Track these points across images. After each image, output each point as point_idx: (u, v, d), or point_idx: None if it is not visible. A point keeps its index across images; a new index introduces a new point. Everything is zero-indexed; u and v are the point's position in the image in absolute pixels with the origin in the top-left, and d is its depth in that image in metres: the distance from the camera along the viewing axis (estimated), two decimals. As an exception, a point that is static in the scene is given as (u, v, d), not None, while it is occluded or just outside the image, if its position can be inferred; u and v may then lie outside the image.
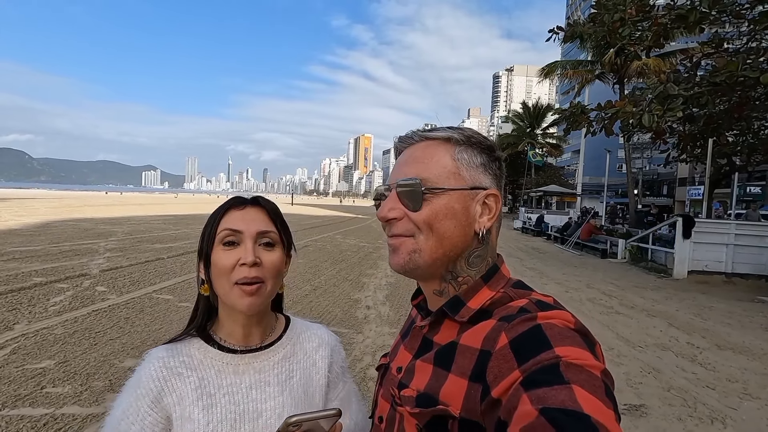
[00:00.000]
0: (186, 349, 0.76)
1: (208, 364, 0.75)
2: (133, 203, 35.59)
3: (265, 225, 0.76)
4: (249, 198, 0.80)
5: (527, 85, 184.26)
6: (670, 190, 35.87)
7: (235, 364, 0.76)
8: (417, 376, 0.59)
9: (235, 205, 0.77)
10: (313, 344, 0.85)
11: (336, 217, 28.87)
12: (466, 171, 0.62)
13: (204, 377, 0.74)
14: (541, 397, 0.41)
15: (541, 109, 41.34)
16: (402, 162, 0.64)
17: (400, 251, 0.61)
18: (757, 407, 3.42)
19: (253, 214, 0.77)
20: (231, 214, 0.76)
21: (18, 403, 2.84)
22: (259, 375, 0.77)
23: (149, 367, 0.73)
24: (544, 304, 0.55)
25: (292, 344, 0.83)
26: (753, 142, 11.40)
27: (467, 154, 0.63)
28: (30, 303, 5.06)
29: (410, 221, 0.60)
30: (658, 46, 8.20)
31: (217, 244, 0.74)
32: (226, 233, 0.74)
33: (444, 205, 0.59)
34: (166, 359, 0.74)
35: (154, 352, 0.75)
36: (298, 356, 0.83)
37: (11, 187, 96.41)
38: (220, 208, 0.78)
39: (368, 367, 3.75)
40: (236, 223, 0.75)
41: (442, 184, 0.60)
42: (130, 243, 10.52)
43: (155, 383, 0.71)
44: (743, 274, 10.13)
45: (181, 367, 0.74)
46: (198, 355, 0.76)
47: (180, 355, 0.75)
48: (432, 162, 0.61)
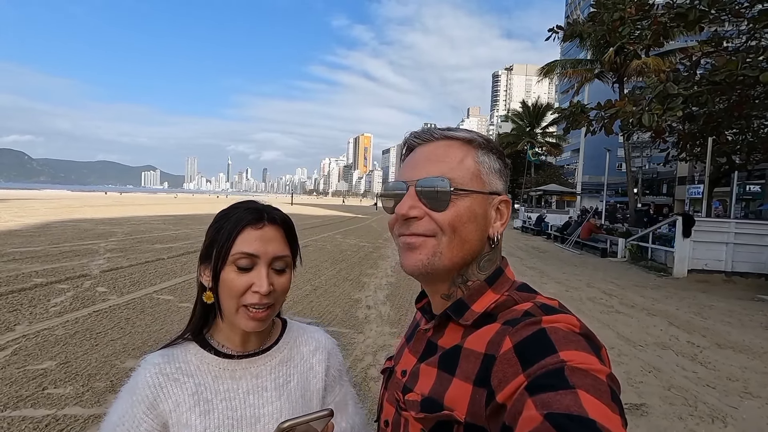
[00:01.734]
0: (182, 354, 0.75)
1: (204, 369, 0.74)
2: (133, 203, 35.58)
3: (281, 249, 0.74)
4: (266, 213, 0.75)
5: (527, 84, 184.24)
6: (670, 188, 35.84)
7: (232, 369, 0.76)
8: (421, 380, 0.59)
9: (253, 222, 0.73)
10: (309, 348, 0.85)
11: (335, 217, 28.86)
12: (486, 175, 0.61)
13: (201, 383, 0.73)
14: (546, 402, 0.41)
15: (541, 108, 41.30)
16: (422, 159, 0.62)
17: (420, 251, 0.59)
18: (757, 406, 3.43)
19: (270, 234, 0.74)
20: (247, 234, 0.72)
21: (20, 404, 2.85)
22: (256, 380, 0.76)
23: (145, 374, 0.72)
24: (549, 308, 0.54)
25: (289, 348, 0.82)
26: (752, 141, 11.40)
27: (488, 158, 0.62)
28: (31, 304, 5.06)
29: (432, 221, 0.58)
30: (657, 45, 8.18)
31: (230, 264, 0.71)
32: (241, 256, 0.71)
33: (467, 207, 0.58)
34: (162, 365, 0.73)
35: (150, 358, 0.74)
36: (295, 360, 0.82)
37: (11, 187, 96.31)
38: (235, 222, 0.73)
39: (369, 367, 3.76)
40: (252, 245, 0.71)
41: (468, 186, 0.59)
42: (131, 243, 10.51)
43: (151, 390, 0.70)
44: (743, 272, 10.14)
45: (178, 373, 0.73)
46: (194, 361, 0.75)
47: (176, 361, 0.74)
48: (456, 162, 0.60)
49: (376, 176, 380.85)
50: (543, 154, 41.98)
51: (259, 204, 0.77)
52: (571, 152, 60.36)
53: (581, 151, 49.85)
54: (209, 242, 0.75)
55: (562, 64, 23.35)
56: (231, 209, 0.76)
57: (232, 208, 0.76)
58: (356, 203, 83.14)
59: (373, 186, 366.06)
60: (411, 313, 5.57)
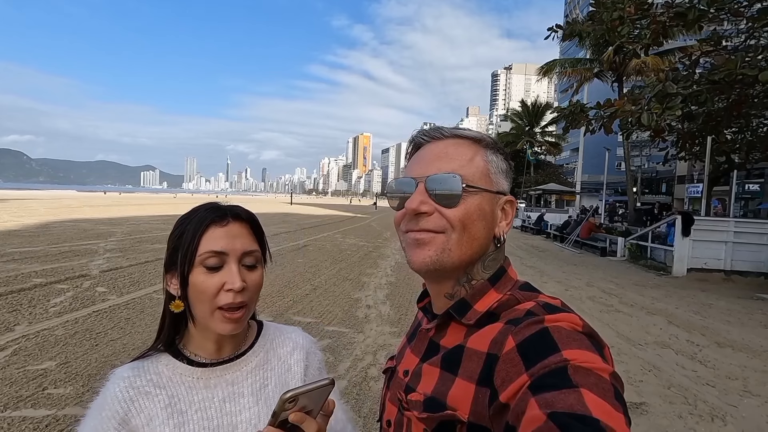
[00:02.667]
0: (153, 366, 0.73)
1: (177, 380, 0.72)
2: (132, 203, 35.54)
3: (249, 244, 0.73)
4: (228, 211, 0.73)
5: (526, 84, 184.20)
6: (669, 187, 35.89)
7: (206, 378, 0.73)
8: (424, 380, 0.59)
9: (216, 220, 0.71)
10: (287, 349, 0.82)
11: (335, 216, 28.84)
12: (494, 174, 0.62)
13: (174, 394, 0.71)
14: (549, 401, 0.41)
15: (540, 108, 41.30)
16: (432, 156, 0.62)
17: (429, 247, 0.58)
18: (757, 404, 3.43)
19: (236, 230, 0.72)
20: (212, 232, 0.70)
21: (20, 404, 2.84)
22: (231, 387, 0.74)
23: (113, 389, 0.69)
24: (552, 307, 0.54)
25: (264, 351, 0.80)
26: (751, 140, 11.41)
27: (496, 157, 0.63)
28: (30, 304, 5.06)
29: (443, 218, 0.58)
30: (656, 44, 8.18)
31: (197, 265, 0.69)
32: (209, 256, 0.69)
33: (477, 205, 0.59)
34: (131, 378, 0.70)
35: (119, 372, 0.72)
36: (272, 363, 0.80)
37: (9, 188, 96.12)
38: (197, 222, 0.71)
39: (369, 367, 3.76)
40: (219, 243, 0.69)
41: (478, 184, 0.59)
42: (130, 243, 10.52)
43: (121, 405, 0.67)
44: (742, 271, 10.16)
45: (149, 386, 0.70)
46: (166, 372, 0.72)
47: (147, 374, 0.71)
48: (467, 160, 0.60)
49: (376, 176, 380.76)
50: (542, 153, 42.01)
51: (221, 204, 0.76)
52: (570, 151, 60.42)
53: (580, 150, 49.91)
54: (173, 248, 0.72)
55: (562, 63, 23.35)
56: (192, 212, 0.74)
57: (193, 210, 0.74)
58: (356, 203, 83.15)
59: (372, 185, 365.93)
60: (411, 312, 5.58)
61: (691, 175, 27.28)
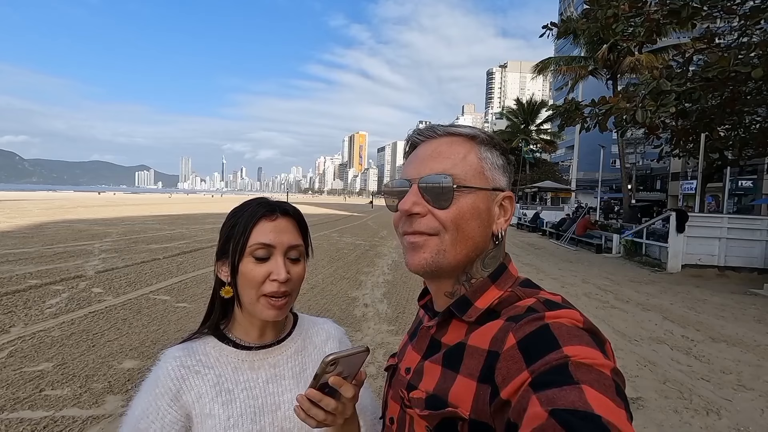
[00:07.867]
0: (201, 347, 0.78)
1: (224, 361, 0.77)
2: (127, 204, 35.32)
3: (295, 238, 0.78)
4: (278, 206, 0.79)
5: (521, 82, 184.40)
6: (663, 184, 36.11)
7: (251, 360, 0.79)
8: (426, 378, 0.59)
9: (267, 215, 0.77)
10: (321, 337, 0.90)
11: (331, 215, 28.81)
12: (489, 171, 0.61)
13: (221, 374, 0.76)
14: (550, 398, 0.41)
15: (535, 106, 41.38)
16: (425, 156, 0.61)
17: (424, 251, 0.59)
18: (751, 398, 3.47)
19: (284, 225, 0.77)
20: (262, 226, 0.76)
21: (17, 406, 2.83)
22: (274, 369, 0.80)
23: (166, 367, 0.74)
24: (552, 303, 0.54)
25: (302, 339, 0.87)
26: (744, 137, 11.48)
27: (491, 154, 0.62)
28: (26, 306, 5.02)
29: (435, 219, 0.58)
30: (650, 42, 8.22)
31: (247, 255, 0.75)
32: (258, 247, 0.74)
33: (471, 204, 0.58)
34: (182, 358, 0.75)
35: (170, 352, 0.77)
36: (308, 350, 0.86)
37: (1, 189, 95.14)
38: (249, 216, 0.76)
39: (367, 365, 3.77)
40: (268, 236, 0.75)
41: (471, 183, 0.59)
42: (126, 244, 10.45)
43: (173, 382, 0.73)
44: (736, 267, 10.26)
45: (198, 366, 0.75)
46: (214, 353, 0.78)
47: (196, 354, 0.77)
48: (459, 159, 0.60)
49: (371, 175, 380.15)
50: (538, 151, 42.12)
51: (270, 199, 0.81)
52: (565, 149, 60.57)
53: (576, 147, 50.05)
54: (225, 238, 0.78)
55: (556, 61, 23.40)
56: (244, 206, 0.79)
57: (245, 204, 0.80)
58: (353, 201, 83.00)
59: (368, 184, 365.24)
60: (408, 310, 5.59)
61: (685, 171, 27.44)
